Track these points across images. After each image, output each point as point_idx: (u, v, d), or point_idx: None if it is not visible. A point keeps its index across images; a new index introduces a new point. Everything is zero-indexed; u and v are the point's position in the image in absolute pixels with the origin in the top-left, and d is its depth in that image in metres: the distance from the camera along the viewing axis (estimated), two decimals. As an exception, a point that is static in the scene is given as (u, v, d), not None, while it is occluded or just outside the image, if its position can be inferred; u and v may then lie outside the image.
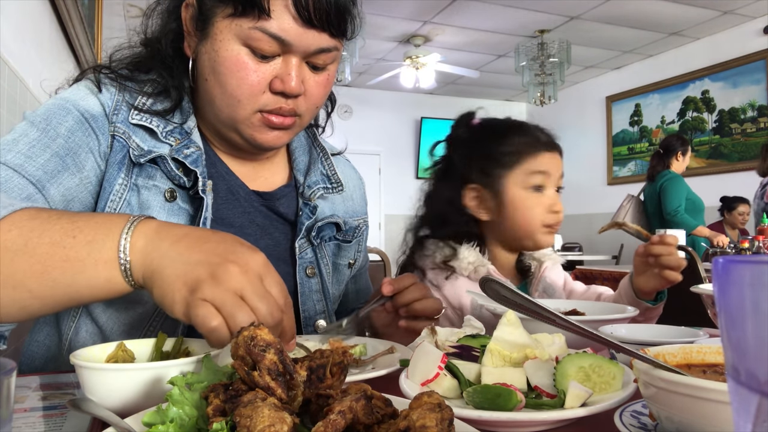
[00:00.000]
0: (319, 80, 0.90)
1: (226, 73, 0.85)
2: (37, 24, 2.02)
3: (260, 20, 0.81)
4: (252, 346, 0.46)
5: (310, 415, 0.48)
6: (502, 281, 0.67)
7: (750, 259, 0.24)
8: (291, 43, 0.83)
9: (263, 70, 0.85)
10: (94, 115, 0.88)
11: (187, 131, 0.93)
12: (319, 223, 1.03)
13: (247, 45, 0.84)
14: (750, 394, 0.24)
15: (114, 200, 0.87)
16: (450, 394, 0.63)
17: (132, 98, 0.92)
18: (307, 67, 0.88)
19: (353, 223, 1.12)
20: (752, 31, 5.71)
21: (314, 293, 1.03)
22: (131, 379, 0.57)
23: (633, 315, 0.94)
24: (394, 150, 8.35)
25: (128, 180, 0.88)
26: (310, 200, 1.03)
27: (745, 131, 5.81)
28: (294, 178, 1.06)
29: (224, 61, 0.85)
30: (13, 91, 1.62)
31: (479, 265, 1.24)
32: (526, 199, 1.25)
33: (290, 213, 1.03)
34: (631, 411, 0.55)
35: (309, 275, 1.02)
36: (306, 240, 1.02)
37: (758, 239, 3.95)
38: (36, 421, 0.59)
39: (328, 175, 1.08)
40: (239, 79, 0.85)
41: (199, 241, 0.65)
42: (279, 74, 0.86)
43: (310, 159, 1.09)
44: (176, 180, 0.90)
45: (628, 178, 7.11)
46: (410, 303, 0.91)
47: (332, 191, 1.07)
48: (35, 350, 0.95)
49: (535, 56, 6.09)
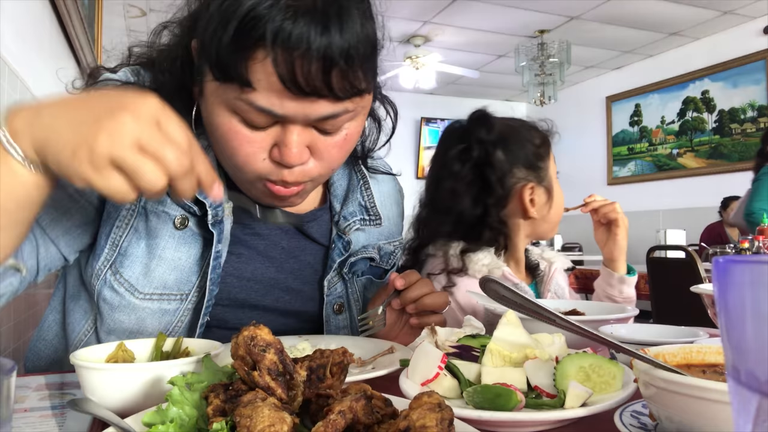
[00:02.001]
0: (333, 142, 0.77)
1: (220, 140, 0.76)
2: (37, 24, 2.02)
3: (244, 92, 0.69)
4: (252, 346, 0.46)
5: (310, 415, 0.48)
6: (501, 281, 0.67)
7: (750, 259, 0.24)
8: (284, 116, 0.71)
9: (260, 139, 0.74)
10: None
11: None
12: (353, 258, 0.97)
13: (237, 114, 0.73)
14: (750, 394, 0.24)
15: (120, 226, 0.84)
16: (450, 394, 0.63)
17: None
18: (315, 131, 0.76)
19: (388, 248, 1.05)
20: (752, 31, 5.71)
21: (341, 330, 0.99)
22: (131, 379, 0.57)
23: (633, 315, 0.94)
24: (394, 150, 8.31)
25: (136, 204, 0.83)
26: (344, 233, 0.96)
27: (745, 131, 5.81)
28: (329, 202, 0.99)
29: (217, 127, 0.75)
30: (13, 91, 1.62)
31: (494, 267, 1.23)
32: (558, 186, 1.32)
33: (322, 237, 0.98)
34: (631, 411, 0.55)
35: (336, 311, 0.98)
36: (338, 275, 0.97)
37: (758, 239, 3.94)
38: (36, 421, 0.59)
39: (366, 207, 1.00)
40: (233, 148, 0.76)
41: (79, 101, 0.59)
42: (278, 142, 0.74)
43: (348, 185, 1.00)
44: (187, 208, 0.85)
45: (628, 178, 7.11)
46: (418, 299, 0.89)
47: (369, 224, 0.99)
48: (42, 348, 0.95)
49: (535, 56, 6.08)
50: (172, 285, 0.85)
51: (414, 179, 8.32)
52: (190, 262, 0.86)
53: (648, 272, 3.73)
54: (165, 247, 0.84)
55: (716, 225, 5.48)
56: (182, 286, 0.86)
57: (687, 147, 6.41)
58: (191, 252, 0.85)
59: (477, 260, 1.22)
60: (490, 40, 6.24)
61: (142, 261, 0.84)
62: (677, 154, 6.52)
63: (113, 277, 0.84)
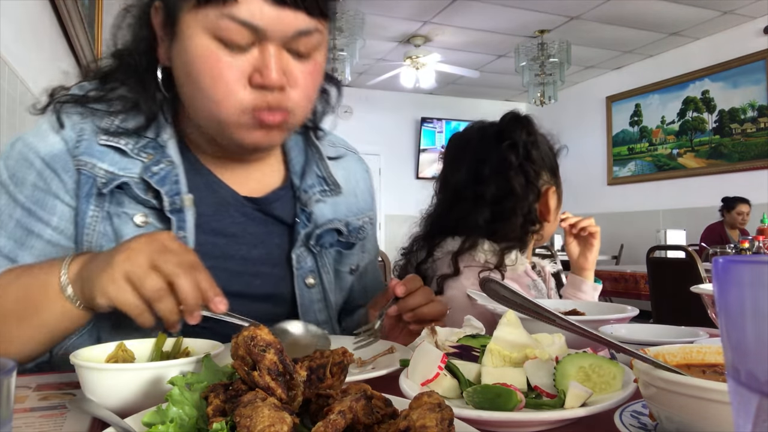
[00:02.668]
0: (306, 69, 0.84)
1: (199, 71, 0.80)
2: (37, 24, 2.02)
3: (226, 6, 0.76)
4: (252, 346, 0.46)
5: (310, 415, 0.48)
6: (501, 281, 0.67)
7: (750, 259, 0.24)
8: (264, 28, 0.77)
9: (239, 64, 0.79)
10: (55, 155, 0.86)
11: (161, 144, 0.89)
12: (318, 230, 0.99)
13: (217, 37, 0.78)
14: (750, 394, 0.24)
15: (89, 233, 0.87)
16: (450, 394, 0.63)
17: (100, 120, 0.89)
18: (289, 56, 0.82)
19: (356, 223, 1.07)
20: (752, 31, 5.71)
21: (314, 303, 1.00)
22: (131, 379, 0.57)
23: (633, 315, 0.94)
24: (394, 150, 8.34)
25: (100, 210, 0.87)
26: (306, 206, 0.99)
27: (745, 131, 5.81)
28: (290, 180, 1.02)
29: (195, 59, 0.79)
30: (13, 91, 1.63)
31: (519, 264, 1.26)
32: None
33: (287, 216, 1.00)
34: (631, 411, 0.55)
35: (308, 285, 0.99)
36: (305, 248, 0.99)
37: (758, 239, 3.94)
38: (36, 421, 0.59)
39: (324, 177, 1.03)
40: (213, 77, 0.79)
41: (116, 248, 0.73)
42: (257, 66, 0.79)
43: (305, 160, 1.04)
44: (147, 203, 0.87)
45: (628, 178, 7.11)
46: (417, 307, 0.89)
47: (329, 194, 1.02)
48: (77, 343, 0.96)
49: (535, 56, 6.08)
50: None
51: (414, 179, 8.33)
52: None
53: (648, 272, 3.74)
54: None
55: (716, 225, 5.48)
56: None
57: (687, 147, 6.42)
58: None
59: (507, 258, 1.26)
60: (490, 40, 6.24)
61: None
62: (677, 154, 6.52)
63: None
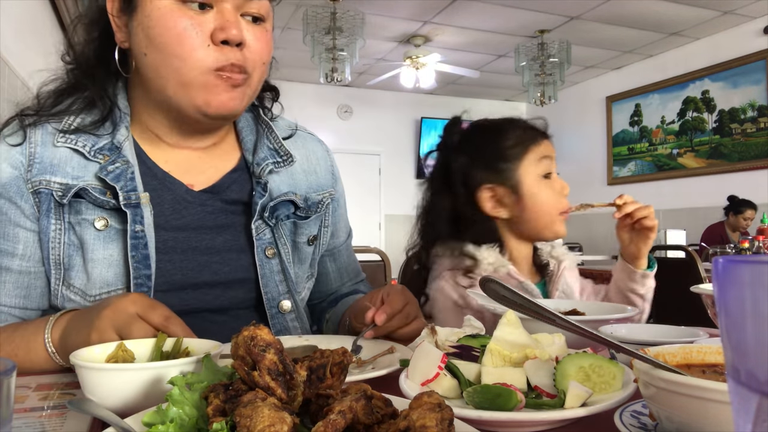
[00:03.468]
0: (258, 34, 0.90)
1: (163, 33, 0.85)
2: (37, 24, 2.02)
3: None
4: (252, 346, 0.46)
5: (310, 415, 0.48)
6: (502, 281, 0.67)
7: (750, 259, 0.24)
8: None
9: (200, 21, 0.85)
10: (5, 184, 0.88)
11: (117, 146, 0.92)
12: (273, 202, 1.01)
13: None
14: (750, 394, 0.24)
15: (54, 246, 0.89)
16: (450, 394, 0.63)
17: (57, 123, 0.92)
18: (243, 20, 0.89)
19: (315, 198, 1.09)
20: (752, 31, 5.71)
21: (275, 274, 1.01)
22: (131, 379, 0.57)
23: (633, 315, 0.94)
24: (394, 150, 8.34)
25: (60, 222, 0.89)
26: (260, 178, 1.01)
27: (746, 131, 5.81)
28: (244, 158, 1.05)
29: (159, 20, 0.85)
30: (14, 90, 1.63)
31: (499, 266, 1.24)
32: (541, 187, 1.27)
33: (245, 196, 1.02)
34: (631, 411, 0.55)
35: (269, 256, 1.01)
36: (261, 221, 1.00)
37: (758, 239, 3.94)
38: (36, 421, 0.58)
39: (275, 149, 1.05)
40: (177, 35, 0.85)
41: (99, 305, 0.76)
42: (217, 24, 0.86)
43: (257, 136, 1.06)
44: (105, 205, 0.90)
45: (628, 178, 7.11)
46: (394, 330, 0.91)
47: (283, 164, 1.05)
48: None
49: (535, 56, 6.08)
50: (113, 281, 0.90)
51: (414, 179, 8.33)
52: (123, 256, 0.91)
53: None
54: (94, 249, 0.90)
55: (717, 225, 5.47)
56: (123, 279, 0.91)
57: (687, 147, 6.41)
58: (120, 246, 0.91)
59: (482, 260, 1.24)
60: (490, 40, 6.24)
61: (83, 268, 0.90)
62: (677, 154, 6.52)
63: (68, 290, 0.91)
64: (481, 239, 1.27)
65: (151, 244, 0.91)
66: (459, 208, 1.29)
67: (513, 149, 1.27)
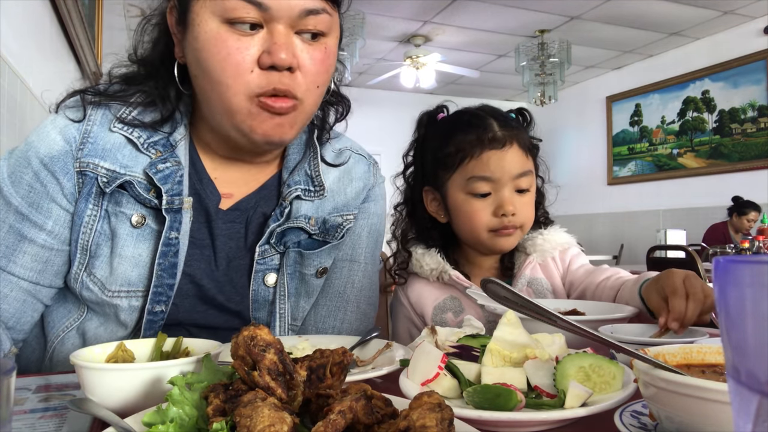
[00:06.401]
0: (315, 54, 0.83)
1: (208, 57, 0.80)
2: (37, 24, 2.02)
3: None
4: (252, 346, 0.46)
5: (310, 415, 0.48)
6: (501, 282, 0.67)
7: (750, 259, 0.24)
8: (269, 5, 0.78)
9: (247, 45, 0.79)
10: (54, 156, 0.86)
11: (173, 144, 0.90)
12: (281, 228, 0.94)
13: (226, 20, 0.78)
14: (750, 394, 0.24)
15: (85, 231, 0.87)
16: (450, 394, 0.63)
17: (116, 110, 0.90)
18: (298, 39, 0.82)
19: (337, 220, 1.00)
20: (752, 31, 5.70)
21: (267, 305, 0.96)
22: (131, 379, 0.57)
23: (633, 315, 0.94)
24: (395, 150, 8.31)
25: (98, 209, 0.87)
26: (284, 200, 0.95)
27: (746, 131, 5.80)
28: (281, 174, 1.00)
29: (205, 44, 0.80)
30: (14, 90, 1.62)
31: (442, 271, 1.18)
32: (467, 204, 1.15)
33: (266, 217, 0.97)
34: (631, 411, 0.55)
35: (267, 285, 0.95)
36: (268, 246, 0.95)
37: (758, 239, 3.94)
38: (36, 422, 0.58)
39: (311, 176, 0.98)
40: (222, 60, 0.79)
41: None
42: (265, 47, 0.80)
43: (301, 158, 1.00)
44: (147, 203, 0.87)
45: (628, 178, 7.10)
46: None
47: (312, 195, 0.98)
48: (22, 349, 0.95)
49: (535, 56, 6.08)
50: (135, 281, 0.88)
51: (414, 179, 8.32)
52: (151, 259, 0.88)
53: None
54: (124, 245, 0.87)
55: (720, 225, 5.46)
56: (146, 282, 0.88)
57: (687, 147, 6.41)
58: (150, 248, 0.88)
59: (424, 263, 1.19)
60: (490, 40, 6.24)
61: (108, 260, 0.87)
62: (677, 154, 6.52)
63: (88, 278, 0.88)
64: (430, 241, 1.23)
65: (181, 254, 0.88)
66: (413, 207, 1.26)
67: (448, 158, 1.16)
